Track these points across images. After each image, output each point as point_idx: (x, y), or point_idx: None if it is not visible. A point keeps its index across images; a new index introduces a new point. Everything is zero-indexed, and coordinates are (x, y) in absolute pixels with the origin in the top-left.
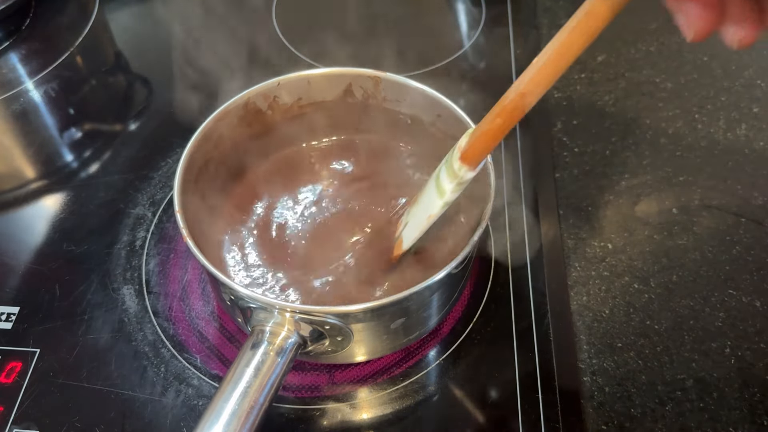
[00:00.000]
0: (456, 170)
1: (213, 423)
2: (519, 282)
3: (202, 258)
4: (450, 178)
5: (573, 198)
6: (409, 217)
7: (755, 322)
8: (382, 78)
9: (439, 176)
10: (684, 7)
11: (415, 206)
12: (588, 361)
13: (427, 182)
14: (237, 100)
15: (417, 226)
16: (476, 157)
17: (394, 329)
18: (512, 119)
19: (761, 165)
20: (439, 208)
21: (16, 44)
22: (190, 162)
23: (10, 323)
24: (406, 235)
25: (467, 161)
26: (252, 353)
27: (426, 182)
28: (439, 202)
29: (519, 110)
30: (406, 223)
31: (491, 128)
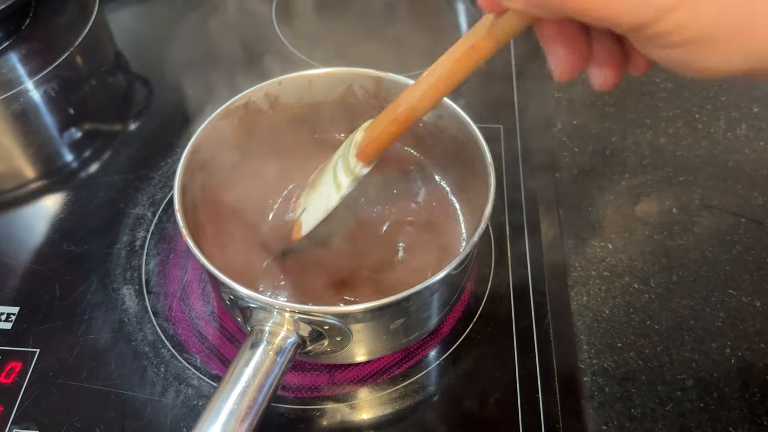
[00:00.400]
0: (352, 167)
1: (212, 422)
2: (519, 282)
3: (202, 257)
4: (346, 174)
5: (573, 198)
6: (308, 203)
7: (755, 322)
8: (383, 78)
9: (336, 171)
10: (554, 48)
11: (313, 194)
12: (588, 361)
13: (324, 170)
14: (238, 99)
15: (315, 215)
16: (371, 156)
17: (393, 330)
18: (404, 127)
19: (761, 165)
20: (336, 201)
21: (16, 44)
22: (191, 161)
23: (10, 323)
24: (305, 219)
25: (363, 159)
26: (251, 353)
27: (322, 168)
28: (336, 196)
29: (410, 120)
30: (305, 208)
31: (386, 132)
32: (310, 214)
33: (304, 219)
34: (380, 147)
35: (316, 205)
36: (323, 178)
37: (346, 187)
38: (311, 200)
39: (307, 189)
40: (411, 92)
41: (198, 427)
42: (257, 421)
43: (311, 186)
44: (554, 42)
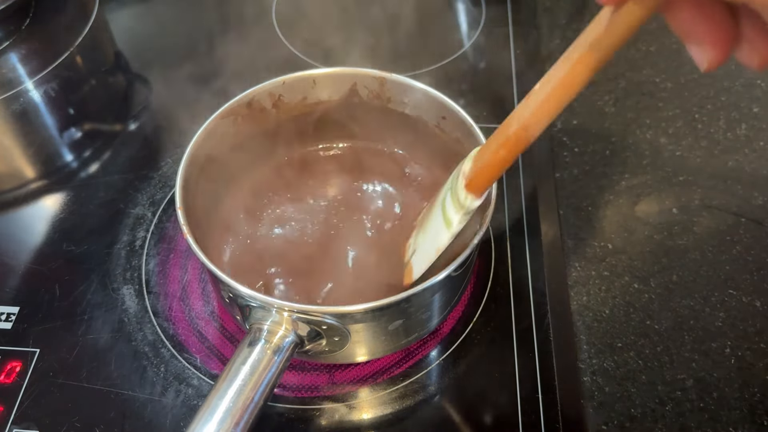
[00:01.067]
0: (462, 200)
1: (207, 420)
2: (519, 282)
3: (202, 255)
4: (456, 209)
5: (573, 198)
6: (417, 243)
7: (755, 322)
8: (387, 79)
9: (445, 206)
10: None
11: (422, 233)
12: (588, 361)
13: (431, 207)
14: (241, 98)
15: (426, 257)
16: (482, 186)
17: (392, 330)
18: (516, 151)
19: (761, 165)
20: (448, 240)
21: (16, 44)
22: (193, 159)
23: (10, 323)
24: (416, 263)
25: (473, 190)
26: (249, 351)
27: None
28: (447, 234)
29: (523, 142)
30: (414, 250)
31: (496, 159)
32: (421, 256)
33: (414, 262)
34: (492, 176)
35: (426, 246)
36: (431, 215)
37: (457, 223)
38: (420, 241)
39: (416, 229)
40: (522, 109)
41: (194, 425)
42: (253, 420)
43: (419, 226)
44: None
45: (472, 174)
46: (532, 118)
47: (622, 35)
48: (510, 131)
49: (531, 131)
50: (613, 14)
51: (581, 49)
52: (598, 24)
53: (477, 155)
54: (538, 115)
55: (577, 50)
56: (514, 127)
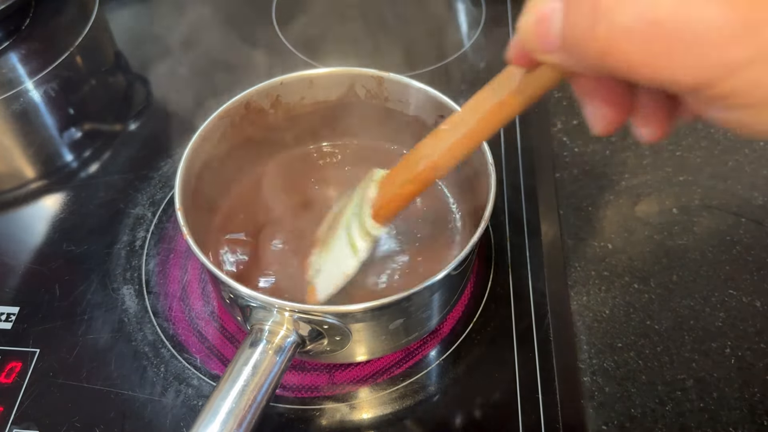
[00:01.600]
0: (369, 229)
1: (210, 421)
2: (519, 282)
3: (202, 256)
4: (362, 235)
5: (573, 198)
6: (321, 263)
7: (755, 322)
8: (385, 78)
9: (351, 232)
10: (593, 101)
11: (326, 254)
12: (588, 361)
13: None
14: (239, 98)
15: (332, 282)
16: (388, 216)
17: (393, 329)
18: (423, 187)
19: (761, 165)
20: (355, 267)
21: (16, 44)
22: (191, 160)
23: (10, 323)
24: (320, 285)
25: (379, 220)
26: (250, 351)
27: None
28: (354, 262)
29: (431, 180)
30: (318, 270)
31: (403, 192)
32: (326, 278)
33: (318, 283)
34: (398, 207)
35: (331, 269)
36: (336, 237)
37: (364, 251)
38: (324, 262)
39: (318, 246)
40: (431, 148)
41: (197, 425)
42: (256, 420)
43: (322, 244)
44: (592, 95)
45: (379, 204)
46: (441, 160)
47: (532, 97)
48: (419, 168)
49: (439, 171)
50: (524, 75)
51: (497, 97)
52: (508, 80)
53: (383, 186)
54: (445, 159)
55: (492, 97)
56: (422, 165)
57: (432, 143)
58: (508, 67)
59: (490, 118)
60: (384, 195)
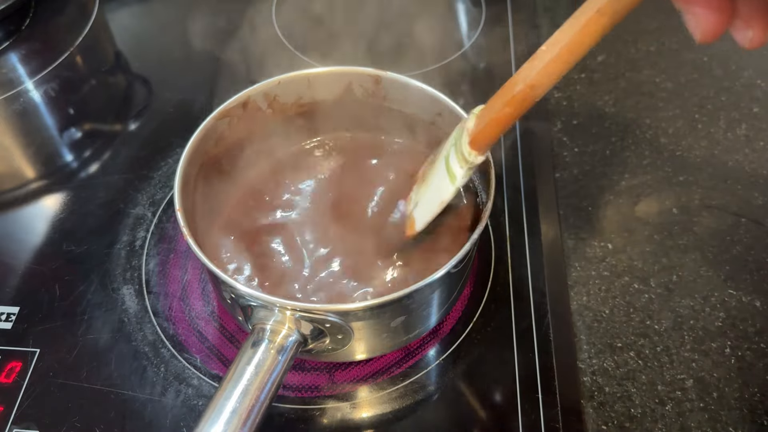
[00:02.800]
0: (466, 156)
1: (214, 421)
2: (519, 282)
3: (203, 256)
4: (461, 163)
5: (573, 198)
6: (419, 196)
7: (755, 322)
8: (382, 77)
9: (449, 161)
10: (692, 8)
11: (424, 187)
12: (588, 361)
13: (434, 162)
14: (237, 98)
15: (429, 209)
16: (486, 142)
17: (394, 327)
18: (521, 109)
19: (761, 165)
20: (451, 194)
21: (16, 44)
22: (191, 161)
23: (10, 323)
24: (418, 216)
25: (476, 147)
26: (253, 351)
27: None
28: (450, 188)
29: (528, 101)
30: (417, 202)
31: (500, 116)
32: (424, 208)
33: (417, 214)
34: (496, 133)
35: (429, 198)
36: (434, 169)
37: (461, 178)
38: (423, 194)
39: (417, 183)
40: (528, 68)
41: (200, 426)
42: (259, 420)
43: (422, 179)
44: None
45: (477, 130)
46: (539, 78)
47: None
48: (516, 90)
49: (537, 90)
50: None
51: (589, 13)
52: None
53: (481, 113)
54: (544, 75)
55: (585, 13)
56: (520, 85)
57: (530, 65)
58: None
59: (587, 30)
60: (481, 121)
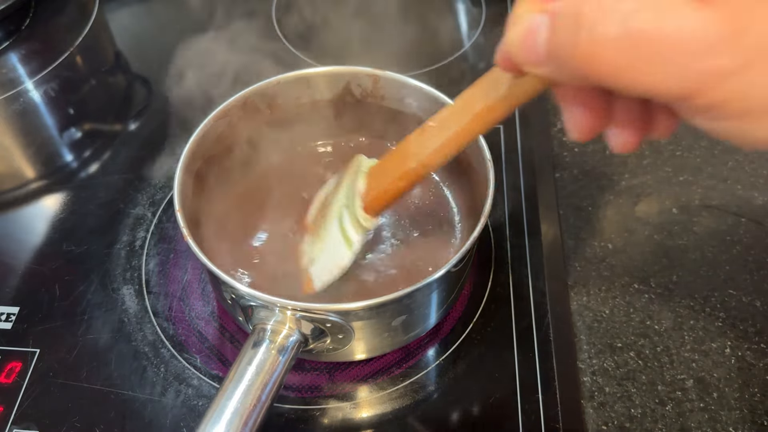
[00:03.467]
0: (361, 221)
1: (216, 421)
2: (519, 282)
3: (203, 257)
4: (356, 228)
5: (573, 198)
6: (314, 253)
7: (755, 322)
8: (380, 76)
9: (344, 224)
10: (570, 107)
11: (319, 243)
12: (588, 361)
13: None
14: (236, 99)
15: (328, 273)
16: (379, 209)
17: (394, 327)
18: (415, 183)
19: (761, 165)
20: (350, 259)
21: (16, 44)
22: (190, 161)
23: (10, 323)
24: (316, 275)
25: (371, 212)
26: (254, 351)
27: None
28: (349, 254)
29: (421, 176)
30: (312, 259)
31: (395, 188)
32: (321, 268)
33: (313, 273)
34: (388, 202)
35: (326, 261)
36: (328, 227)
37: (358, 243)
38: (318, 252)
39: (310, 234)
40: (420, 146)
41: (202, 426)
42: (261, 420)
43: (314, 233)
44: (572, 102)
45: (370, 198)
46: (431, 159)
47: (518, 102)
48: (409, 167)
49: (429, 168)
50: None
51: (484, 101)
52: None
53: (372, 175)
54: (436, 157)
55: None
56: (413, 164)
57: (421, 141)
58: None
59: (478, 121)
60: (374, 189)
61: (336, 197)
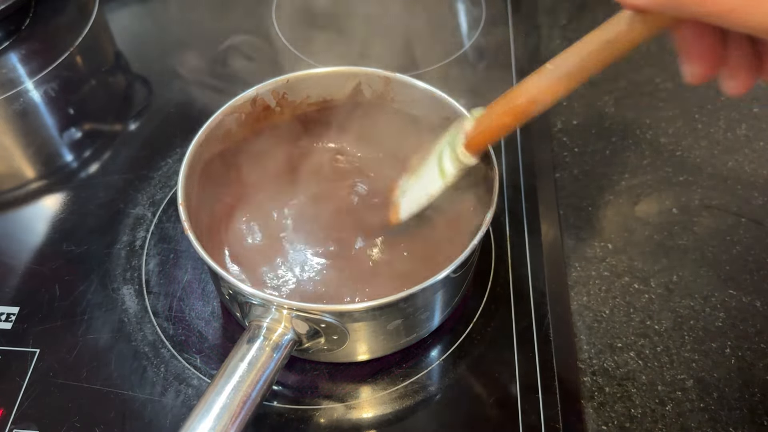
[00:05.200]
0: (460, 156)
1: (204, 416)
2: (519, 282)
3: (203, 251)
4: (453, 163)
5: (573, 198)
6: (407, 186)
7: (755, 322)
8: (392, 78)
9: (442, 158)
10: (688, 52)
11: (414, 178)
12: (588, 361)
13: (427, 157)
14: (246, 95)
15: (416, 201)
16: (481, 146)
17: (391, 330)
18: (519, 121)
19: (761, 165)
20: (440, 189)
21: (16, 44)
22: (196, 156)
23: (10, 323)
24: (404, 205)
25: (471, 149)
26: (247, 348)
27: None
28: (440, 183)
29: (527, 114)
30: (404, 191)
31: (499, 124)
32: (410, 198)
33: (402, 203)
34: (492, 139)
35: (417, 190)
36: (426, 164)
37: (451, 176)
38: (411, 184)
39: (408, 173)
40: (532, 83)
41: (190, 421)
42: (250, 416)
43: (412, 170)
44: (689, 44)
45: (473, 134)
46: (541, 95)
47: (637, 40)
48: (517, 101)
49: (537, 106)
50: (632, 18)
51: (597, 43)
52: (616, 24)
53: (480, 117)
54: (546, 93)
55: (593, 43)
56: (521, 98)
57: (535, 79)
58: (615, 16)
59: (593, 57)
60: (479, 125)
61: (440, 141)
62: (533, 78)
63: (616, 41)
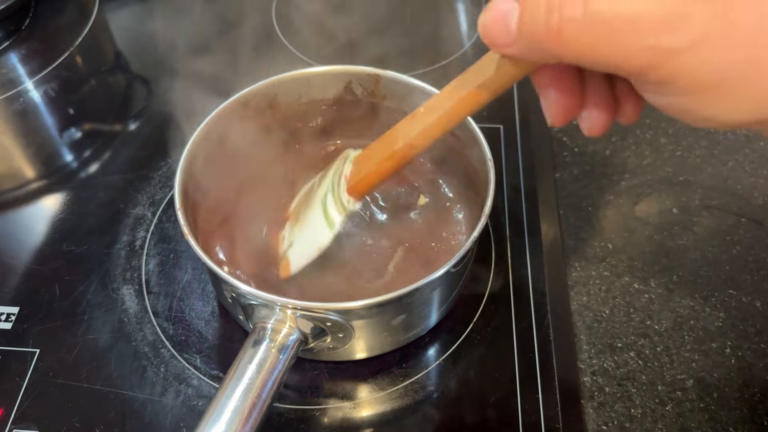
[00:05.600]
0: (345, 203)
1: (215, 420)
2: (519, 282)
3: (204, 255)
4: (339, 210)
5: (573, 198)
6: (294, 236)
7: (755, 322)
8: (382, 76)
9: (327, 206)
10: (547, 91)
11: (298, 227)
12: (588, 361)
13: (310, 202)
14: (237, 98)
15: (306, 254)
16: (363, 191)
17: (394, 326)
18: (400, 165)
19: (761, 165)
20: (330, 239)
21: (16, 44)
22: (191, 160)
23: (10, 323)
24: (293, 258)
25: (355, 195)
26: (254, 350)
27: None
28: (329, 234)
29: (407, 158)
30: (291, 242)
31: (380, 170)
32: (299, 251)
33: (291, 255)
34: (373, 183)
35: (305, 241)
36: (311, 211)
37: (339, 224)
38: (298, 235)
39: (291, 221)
40: (409, 128)
41: (202, 425)
42: (261, 418)
43: (296, 218)
44: (548, 88)
45: (355, 180)
46: (418, 140)
47: (508, 83)
48: (396, 147)
49: (415, 150)
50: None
51: (469, 87)
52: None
53: (360, 161)
54: (423, 138)
55: (465, 88)
56: (400, 144)
57: (409, 124)
58: (482, 59)
59: (462, 104)
60: (360, 171)
61: (321, 186)
62: (408, 122)
63: (486, 86)
